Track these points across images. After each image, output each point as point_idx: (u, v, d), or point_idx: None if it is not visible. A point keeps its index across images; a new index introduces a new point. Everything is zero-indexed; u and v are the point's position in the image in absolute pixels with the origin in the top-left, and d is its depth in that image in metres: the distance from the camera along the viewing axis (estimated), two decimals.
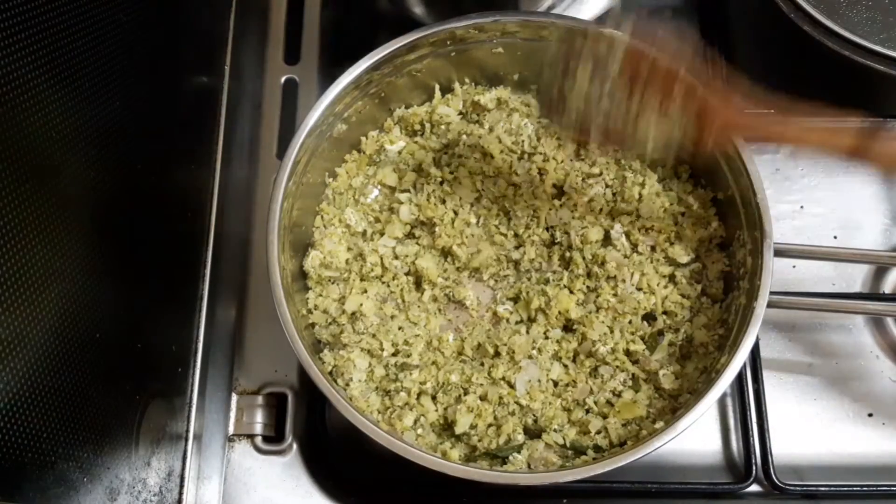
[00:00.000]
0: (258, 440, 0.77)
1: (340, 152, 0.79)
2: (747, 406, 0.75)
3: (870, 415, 0.77)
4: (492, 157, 0.76)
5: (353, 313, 0.72)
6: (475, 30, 0.74)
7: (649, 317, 0.73)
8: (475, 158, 0.76)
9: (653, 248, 0.75)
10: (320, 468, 0.76)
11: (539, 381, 0.70)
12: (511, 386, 0.70)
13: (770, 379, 0.77)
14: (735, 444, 0.76)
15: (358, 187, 0.79)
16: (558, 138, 0.78)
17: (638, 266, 0.73)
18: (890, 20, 0.80)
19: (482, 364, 0.72)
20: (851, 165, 0.86)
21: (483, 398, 0.70)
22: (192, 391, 0.72)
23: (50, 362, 0.52)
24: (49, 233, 0.52)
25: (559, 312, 0.72)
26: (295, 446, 0.77)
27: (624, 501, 0.75)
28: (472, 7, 0.74)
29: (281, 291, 0.66)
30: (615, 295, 0.72)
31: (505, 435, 0.68)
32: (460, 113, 0.81)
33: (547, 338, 0.73)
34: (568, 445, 0.69)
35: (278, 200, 0.69)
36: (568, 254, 0.75)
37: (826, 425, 0.77)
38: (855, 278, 0.82)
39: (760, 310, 0.65)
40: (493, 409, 0.69)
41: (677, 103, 0.61)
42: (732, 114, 0.63)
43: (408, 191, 0.78)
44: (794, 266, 0.81)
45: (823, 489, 0.73)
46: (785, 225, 0.83)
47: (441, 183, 0.77)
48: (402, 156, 0.80)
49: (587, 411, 0.70)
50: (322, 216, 0.77)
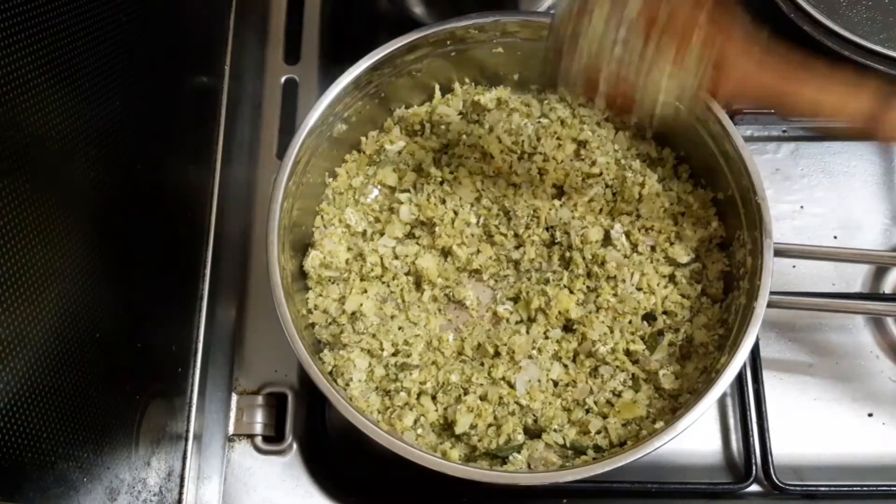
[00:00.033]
0: (258, 440, 0.77)
1: (340, 152, 0.79)
2: (747, 406, 0.75)
3: (870, 415, 0.77)
4: (492, 157, 0.76)
5: (353, 313, 0.72)
6: (475, 30, 0.74)
7: (649, 317, 0.73)
8: (475, 158, 0.76)
9: (653, 248, 0.75)
10: (320, 468, 0.76)
11: (539, 381, 0.70)
12: (511, 386, 0.70)
13: (770, 379, 0.77)
14: (735, 444, 0.76)
15: (358, 187, 0.79)
16: (558, 138, 0.78)
17: (638, 266, 0.73)
18: (890, 20, 0.80)
19: (482, 364, 0.72)
20: (851, 166, 0.86)
21: (483, 398, 0.70)
22: (192, 391, 0.72)
23: (50, 362, 0.52)
24: (49, 233, 0.52)
25: (559, 312, 0.72)
26: (295, 446, 0.77)
27: (624, 501, 0.75)
28: (472, 7, 0.74)
29: (281, 291, 0.66)
30: (615, 295, 0.72)
31: (505, 435, 0.68)
32: (460, 113, 0.81)
33: (547, 338, 0.72)
34: (568, 445, 0.69)
35: (278, 200, 0.69)
36: (568, 254, 0.75)
37: (826, 425, 0.77)
38: (855, 278, 0.82)
39: (760, 310, 0.65)
40: (493, 409, 0.69)
41: (694, 53, 0.58)
42: (751, 67, 0.59)
43: (408, 191, 0.78)
44: (794, 266, 0.81)
45: (823, 489, 0.73)
46: (785, 225, 0.83)
47: (441, 183, 0.77)
48: (402, 156, 0.80)
49: (587, 411, 0.70)
50: (322, 216, 0.77)
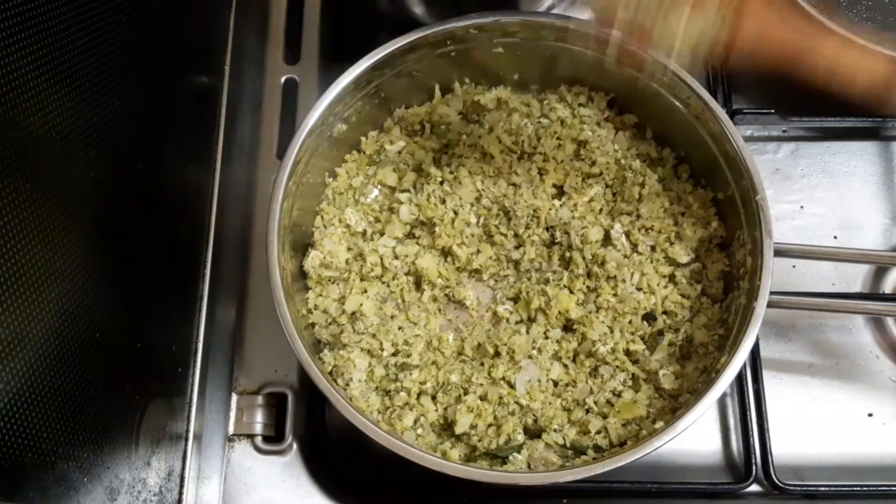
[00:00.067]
0: (258, 440, 0.77)
1: (340, 152, 0.79)
2: (747, 406, 0.75)
3: (870, 415, 0.77)
4: (492, 157, 0.76)
5: (353, 313, 0.72)
6: (475, 30, 0.74)
7: (649, 317, 0.73)
8: (475, 158, 0.76)
9: (653, 248, 0.75)
10: (320, 468, 0.76)
11: (539, 381, 0.70)
12: (511, 386, 0.70)
13: (770, 379, 0.77)
14: (735, 444, 0.76)
15: (358, 187, 0.79)
16: (558, 138, 0.78)
17: (638, 266, 0.73)
18: (890, 20, 0.80)
19: (482, 364, 0.72)
20: (851, 166, 0.86)
21: (483, 398, 0.70)
22: (192, 391, 0.72)
23: (50, 362, 0.52)
24: (49, 233, 0.52)
25: (559, 312, 0.72)
26: (295, 446, 0.77)
27: (624, 501, 0.75)
28: (472, 7, 0.74)
29: (281, 291, 0.66)
30: (615, 295, 0.72)
31: (505, 435, 0.68)
32: (460, 113, 0.81)
33: (547, 338, 0.72)
34: (568, 445, 0.69)
35: (278, 200, 0.69)
36: (568, 254, 0.75)
37: (826, 425, 0.77)
38: (855, 278, 0.82)
39: (760, 310, 0.65)
40: (493, 409, 0.69)
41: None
42: (772, 19, 0.57)
43: (408, 191, 0.78)
44: (794, 266, 0.81)
45: (823, 489, 0.73)
46: (785, 225, 0.83)
47: (441, 183, 0.77)
48: (402, 156, 0.80)
49: (587, 411, 0.70)
50: (322, 216, 0.77)
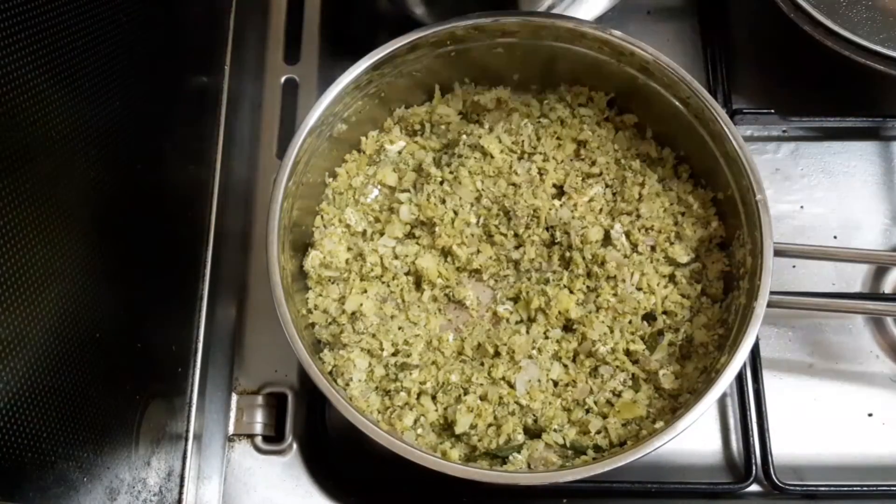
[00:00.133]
0: (258, 440, 0.77)
1: (340, 152, 0.79)
2: (747, 406, 0.75)
3: (870, 415, 0.77)
4: (492, 157, 0.76)
5: (353, 313, 0.72)
6: (475, 30, 0.74)
7: (649, 317, 0.73)
8: (475, 158, 0.76)
9: (653, 248, 0.75)
10: (320, 468, 0.76)
11: (539, 381, 0.70)
12: (511, 386, 0.70)
13: (770, 379, 0.77)
14: (735, 444, 0.76)
15: (358, 187, 0.79)
16: (558, 138, 0.78)
17: (638, 266, 0.73)
18: (890, 20, 0.80)
19: (482, 364, 0.72)
20: (851, 166, 0.86)
21: (483, 398, 0.70)
22: (192, 391, 0.72)
23: (50, 362, 0.52)
24: (49, 233, 0.52)
25: (559, 312, 0.72)
26: (295, 446, 0.77)
27: (624, 501, 0.75)
28: (472, 7, 0.74)
29: (281, 291, 0.66)
30: (615, 295, 0.72)
31: (505, 435, 0.68)
32: (460, 113, 0.81)
33: (547, 338, 0.72)
34: (568, 445, 0.69)
35: (278, 200, 0.69)
36: (568, 254, 0.75)
37: (826, 425, 0.77)
38: (855, 278, 0.82)
39: (760, 310, 0.65)
40: (493, 409, 0.69)
41: None
42: None
43: (408, 191, 0.78)
44: (794, 266, 0.81)
45: (823, 489, 0.73)
46: (785, 225, 0.83)
47: (441, 183, 0.76)
48: (402, 156, 0.80)
49: (587, 411, 0.70)
50: (322, 216, 0.77)
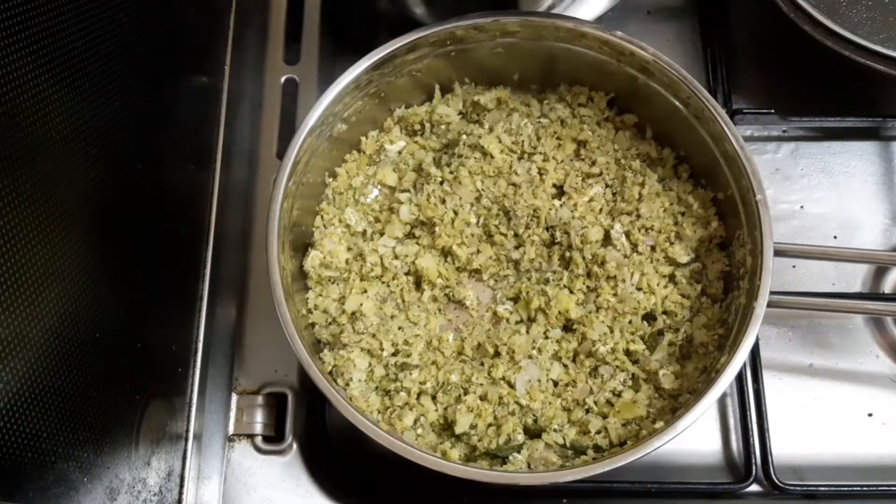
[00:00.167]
0: (258, 440, 0.77)
1: (340, 152, 0.79)
2: (747, 406, 0.75)
3: (870, 415, 0.77)
4: (492, 157, 0.76)
5: (353, 313, 0.72)
6: (475, 30, 0.74)
7: (649, 317, 0.73)
8: (475, 158, 0.76)
9: (653, 248, 0.75)
10: (320, 468, 0.76)
11: (539, 381, 0.70)
12: (511, 386, 0.70)
13: (770, 379, 0.77)
14: (735, 444, 0.76)
15: (358, 187, 0.79)
16: (558, 138, 0.78)
17: (638, 266, 0.73)
18: (890, 20, 0.80)
19: (482, 364, 0.72)
20: (851, 166, 0.86)
21: (483, 398, 0.70)
22: (192, 391, 0.72)
23: (50, 362, 0.52)
24: (49, 233, 0.52)
25: (559, 312, 0.72)
26: (295, 446, 0.77)
27: (624, 501, 0.75)
28: (472, 7, 0.74)
29: (281, 291, 0.66)
30: (615, 295, 0.72)
31: (505, 435, 0.68)
32: (460, 113, 0.81)
33: (547, 338, 0.72)
34: (568, 445, 0.69)
35: (278, 200, 0.69)
36: (568, 254, 0.75)
37: (826, 425, 0.77)
38: (855, 278, 0.82)
39: (760, 310, 0.65)
40: (493, 409, 0.69)
41: None
42: None
43: (408, 191, 0.78)
44: (794, 266, 0.81)
45: (823, 489, 0.73)
46: (785, 225, 0.83)
47: (441, 183, 0.76)
48: (402, 156, 0.80)
49: (587, 411, 0.70)
50: (322, 216, 0.77)
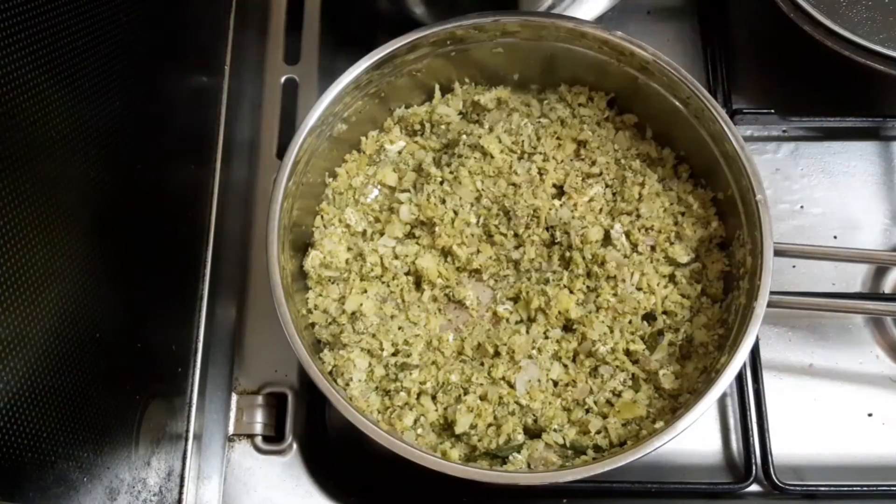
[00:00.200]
0: (258, 440, 0.77)
1: (340, 152, 0.79)
2: (747, 406, 0.75)
3: (870, 415, 0.77)
4: (492, 157, 0.76)
5: (353, 313, 0.72)
6: (475, 30, 0.74)
7: (649, 317, 0.73)
8: (475, 158, 0.76)
9: (653, 248, 0.75)
10: (320, 468, 0.76)
11: (539, 381, 0.70)
12: (511, 386, 0.70)
13: (770, 379, 0.77)
14: (735, 444, 0.76)
15: (358, 187, 0.79)
16: (558, 138, 0.78)
17: (638, 266, 0.73)
18: (890, 20, 0.80)
19: (482, 364, 0.72)
20: (851, 166, 0.86)
21: (483, 398, 0.70)
22: (192, 391, 0.72)
23: (50, 362, 0.52)
24: (49, 233, 0.52)
25: (559, 312, 0.72)
26: (295, 446, 0.77)
27: (624, 501, 0.75)
28: (472, 7, 0.74)
29: (281, 291, 0.66)
30: (615, 295, 0.72)
31: (505, 435, 0.68)
32: (460, 113, 0.81)
33: (547, 338, 0.72)
34: (568, 445, 0.69)
35: (278, 200, 0.69)
36: (568, 254, 0.75)
37: (826, 425, 0.77)
38: (855, 278, 0.82)
39: (760, 310, 0.65)
40: (493, 409, 0.69)
41: None
42: None
43: (408, 191, 0.78)
44: (794, 266, 0.81)
45: (823, 489, 0.73)
46: (785, 225, 0.83)
47: (441, 183, 0.76)
48: (402, 156, 0.80)
49: (587, 411, 0.70)
50: (322, 216, 0.77)
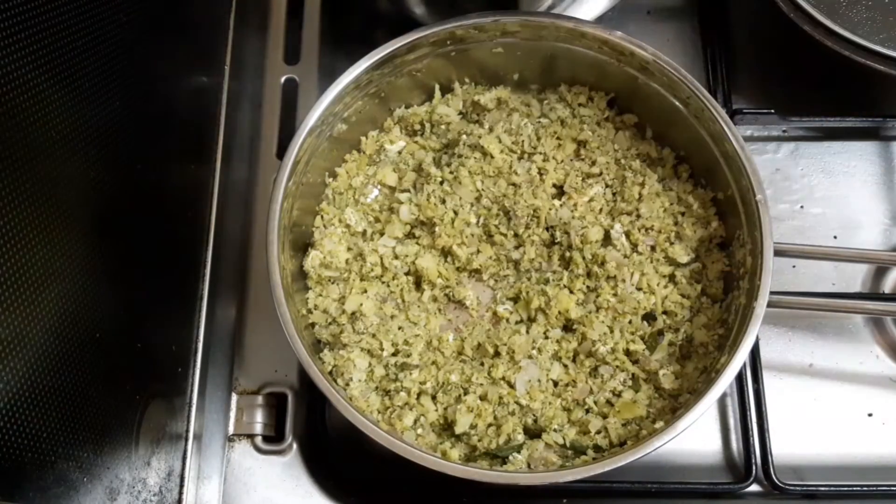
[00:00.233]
0: (258, 440, 0.77)
1: (340, 152, 0.79)
2: (747, 406, 0.75)
3: (870, 415, 0.77)
4: (492, 157, 0.76)
5: (353, 313, 0.72)
6: (475, 30, 0.74)
7: (649, 317, 0.73)
8: (475, 158, 0.76)
9: (653, 248, 0.75)
10: (320, 468, 0.76)
11: (539, 381, 0.70)
12: (511, 386, 0.70)
13: (770, 379, 0.77)
14: (735, 444, 0.76)
15: (358, 187, 0.79)
16: (558, 138, 0.78)
17: (638, 266, 0.73)
18: (890, 20, 0.80)
19: (482, 364, 0.72)
20: (851, 166, 0.86)
21: (483, 398, 0.70)
22: (192, 391, 0.72)
23: (50, 362, 0.52)
24: (49, 233, 0.52)
25: (559, 312, 0.72)
26: (295, 446, 0.77)
27: (624, 501, 0.75)
28: (472, 7, 0.74)
29: (281, 291, 0.66)
30: (615, 295, 0.72)
31: (505, 435, 0.68)
32: (460, 113, 0.81)
33: (547, 338, 0.72)
34: (568, 445, 0.69)
35: (278, 200, 0.69)
36: (568, 254, 0.75)
37: (826, 425, 0.77)
38: (855, 278, 0.82)
39: (760, 310, 0.65)
40: (493, 409, 0.69)
41: None
42: None
43: (408, 191, 0.78)
44: (794, 266, 0.81)
45: (823, 489, 0.73)
46: (785, 225, 0.83)
47: (441, 183, 0.76)
48: (402, 156, 0.80)
49: (587, 411, 0.70)
50: (322, 216, 0.77)
